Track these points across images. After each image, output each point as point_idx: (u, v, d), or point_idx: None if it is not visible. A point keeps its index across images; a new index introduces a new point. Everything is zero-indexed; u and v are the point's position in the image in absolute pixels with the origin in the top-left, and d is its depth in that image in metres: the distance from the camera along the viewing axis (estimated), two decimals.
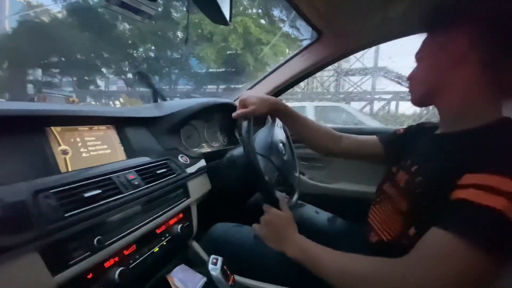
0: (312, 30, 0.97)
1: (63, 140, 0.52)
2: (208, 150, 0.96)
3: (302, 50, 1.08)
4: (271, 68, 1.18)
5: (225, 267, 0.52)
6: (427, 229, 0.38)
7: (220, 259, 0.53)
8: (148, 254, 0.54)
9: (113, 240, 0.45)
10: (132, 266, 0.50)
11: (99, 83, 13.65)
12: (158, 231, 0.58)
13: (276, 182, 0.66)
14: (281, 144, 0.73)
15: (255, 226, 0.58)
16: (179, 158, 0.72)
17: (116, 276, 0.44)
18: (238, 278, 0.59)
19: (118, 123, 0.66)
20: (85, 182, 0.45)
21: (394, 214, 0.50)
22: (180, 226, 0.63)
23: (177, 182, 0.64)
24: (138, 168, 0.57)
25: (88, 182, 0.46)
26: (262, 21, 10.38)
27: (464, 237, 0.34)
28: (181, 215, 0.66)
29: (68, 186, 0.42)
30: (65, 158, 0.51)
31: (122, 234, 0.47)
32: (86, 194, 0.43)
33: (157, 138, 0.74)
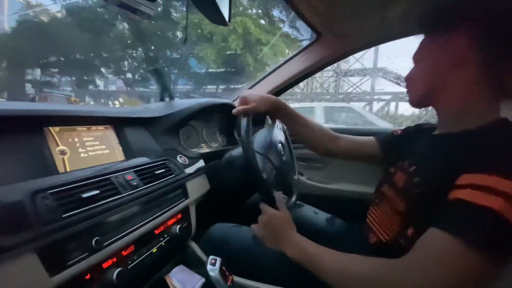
0: (311, 30, 0.97)
1: (61, 140, 0.52)
2: (207, 151, 0.96)
3: (302, 51, 1.08)
4: (271, 68, 1.18)
5: (223, 268, 0.52)
6: (426, 229, 0.38)
7: (218, 260, 0.53)
8: (146, 254, 0.54)
9: (111, 240, 0.45)
10: (130, 266, 0.50)
11: (98, 83, 13.64)
12: (157, 232, 0.58)
13: (274, 181, 0.66)
14: (280, 144, 0.73)
15: (254, 226, 0.58)
16: (178, 159, 0.72)
17: (114, 276, 0.44)
18: (237, 279, 0.59)
19: (117, 123, 0.66)
20: (83, 183, 0.45)
21: (393, 214, 0.50)
22: (178, 226, 0.63)
23: (175, 183, 0.64)
24: (137, 168, 0.57)
25: (86, 182, 0.45)
26: (262, 21, 10.39)
27: (461, 237, 0.34)
28: (179, 216, 0.66)
29: (66, 187, 0.42)
30: (63, 159, 0.51)
31: (121, 235, 0.47)
32: (84, 195, 0.43)
33: (155, 138, 0.74)
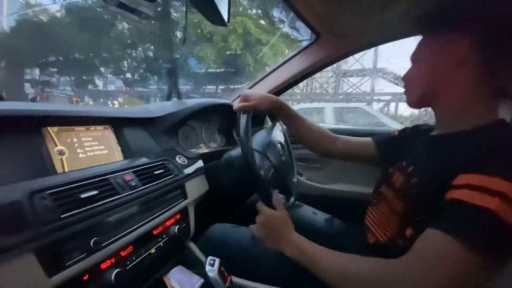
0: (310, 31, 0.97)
1: (60, 140, 0.52)
2: (205, 151, 0.96)
3: (301, 51, 1.08)
4: (271, 68, 1.18)
5: (222, 269, 0.52)
6: (424, 229, 0.39)
7: (217, 261, 0.53)
8: (145, 255, 0.54)
9: (109, 241, 0.45)
10: (128, 267, 0.50)
11: (97, 83, 13.61)
12: (155, 232, 0.58)
13: (272, 180, 0.65)
14: (279, 145, 0.73)
15: (252, 227, 0.58)
16: (177, 159, 0.72)
17: (112, 277, 0.44)
18: (236, 279, 0.59)
19: (116, 123, 0.66)
20: (81, 183, 0.45)
21: (391, 215, 0.50)
22: (177, 227, 0.62)
23: (174, 183, 0.64)
24: (135, 168, 0.57)
25: (84, 183, 0.45)
26: (262, 21, 10.39)
27: (458, 237, 0.34)
28: (178, 216, 0.66)
29: (64, 187, 0.42)
30: (61, 159, 0.51)
31: (119, 235, 0.47)
32: (82, 195, 0.43)
33: (154, 138, 0.74)
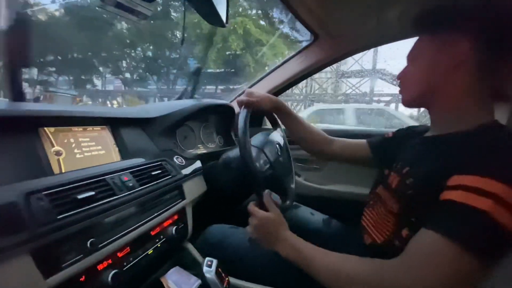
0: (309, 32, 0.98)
1: (57, 141, 0.52)
2: (204, 151, 0.96)
3: (299, 52, 1.08)
4: (270, 69, 1.19)
5: (219, 270, 0.52)
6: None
7: (214, 262, 0.53)
8: (142, 256, 0.54)
9: (106, 242, 0.45)
10: (125, 268, 0.50)
11: (96, 82, 13.57)
12: (153, 233, 0.58)
13: (268, 175, 0.64)
14: (278, 145, 0.73)
15: (247, 229, 0.57)
16: (175, 159, 0.72)
17: (109, 278, 0.44)
18: (233, 280, 0.59)
19: (113, 124, 0.66)
20: (78, 184, 0.45)
21: (387, 216, 0.50)
22: (175, 228, 0.62)
23: (172, 184, 0.64)
24: (133, 169, 0.57)
25: (81, 183, 0.45)
26: (262, 22, 10.41)
27: (452, 238, 0.34)
28: (176, 217, 0.66)
29: (61, 188, 0.42)
30: (58, 159, 0.51)
31: (116, 236, 0.47)
32: (79, 196, 0.43)
33: (152, 139, 0.74)
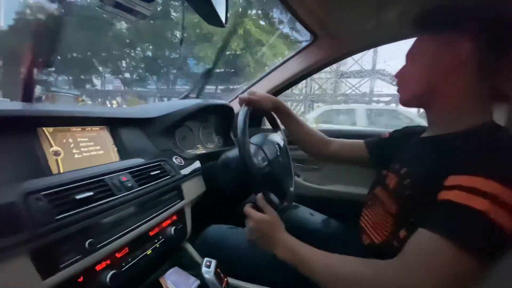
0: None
1: (55, 141, 0.52)
2: (203, 152, 0.95)
3: (299, 52, 1.08)
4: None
5: (218, 270, 0.52)
6: None
7: (213, 262, 0.53)
8: (141, 257, 0.54)
9: (105, 242, 0.45)
10: (124, 269, 0.50)
11: (95, 82, 13.55)
12: (151, 234, 0.58)
13: (266, 172, 0.63)
14: (277, 145, 0.73)
15: (245, 231, 0.57)
16: (174, 160, 0.72)
17: (107, 279, 0.44)
18: (232, 281, 0.59)
19: (112, 124, 0.66)
20: (76, 184, 0.44)
21: (385, 216, 0.50)
22: (173, 228, 0.62)
23: (171, 184, 0.64)
24: (132, 169, 0.57)
25: (80, 184, 0.45)
26: (262, 22, 10.41)
27: (449, 238, 0.34)
28: (175, 217, 0.66)
29: (59, 188, 0.42)
30: (56, 160, 0.51)
31: (115, 237, 0.47)
32: (77, 196, 0.42)
33: (151, 139, 0.74)
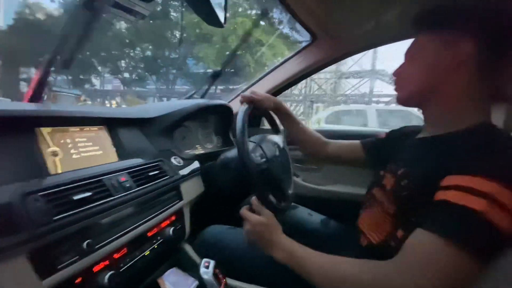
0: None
1: (53, 141, 0.52)
2: (202, 152, 0.95)
3: (298, 52, 1.08)
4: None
5: (217, 271, 0.52)
6: None
7: (212, 263, 0.53)
8: (139, 257, 0.54)
9: (103, 243, 0.45)
10: (122, 269, 0.49)
11: (94, 82, 13.53)
12: (150, 234, 0.57)
13: (265, 169, 0.63)
14: (276, 145, 0.73)
15: (244, 233, 0.57)
16: (172, 160, 0.71)
17: (105, 280, 0.44)
18: (231, 281, 0.59)
19: (110, 124, 0.65)
20: (75, 185, 0.44)
21: (383, 217, 0.50)
22: (172, 228, 0.62)
23: (169, 184, 0.64)
24: (130, 170, 0.56)
25: (78, 184, 0.45)
26: (262, 22, 10.41)
27: (446, 238, 0.34)
28: (173, 218, 0.66)
29: (57, 189, 0.42)
30: (54, 160, 0.50)
31: (113, 238, 0.47)
32: (75, 197, 0.42)
33: (150, 139, 0.73)
